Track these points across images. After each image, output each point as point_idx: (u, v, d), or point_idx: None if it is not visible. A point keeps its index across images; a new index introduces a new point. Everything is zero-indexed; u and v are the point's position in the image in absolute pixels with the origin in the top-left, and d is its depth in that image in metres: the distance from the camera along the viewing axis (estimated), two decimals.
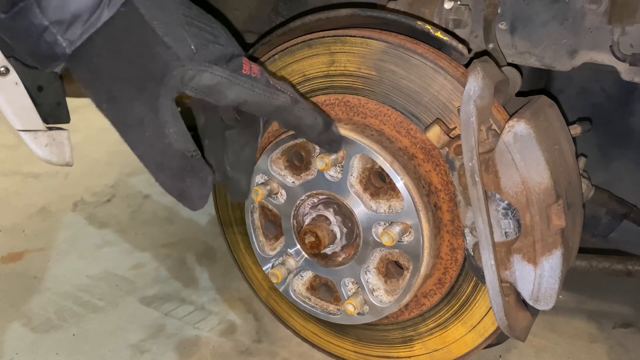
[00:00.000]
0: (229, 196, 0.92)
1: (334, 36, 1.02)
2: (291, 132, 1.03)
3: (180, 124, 0.75)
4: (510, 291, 0.96)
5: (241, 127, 0.87)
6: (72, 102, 1.11)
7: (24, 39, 0.67)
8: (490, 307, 0.95)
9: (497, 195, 0.91)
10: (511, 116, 0.91)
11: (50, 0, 0.64)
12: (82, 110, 1.47)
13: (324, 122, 0.89)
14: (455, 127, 0.94)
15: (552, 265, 0.91)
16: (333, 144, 0.94)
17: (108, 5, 0.67)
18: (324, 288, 1.12)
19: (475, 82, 0.87)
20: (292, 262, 1.10)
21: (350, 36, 1.00)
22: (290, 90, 0.84)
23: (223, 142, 0.88)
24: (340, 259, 1.06)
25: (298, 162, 1.06)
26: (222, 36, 0.77)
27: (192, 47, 0.72)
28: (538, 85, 1.32)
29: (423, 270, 0.97)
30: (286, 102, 0.82)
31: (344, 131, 0.97)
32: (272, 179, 1.07)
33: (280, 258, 1.12)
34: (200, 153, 0.78)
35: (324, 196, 1.04)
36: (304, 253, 1.09)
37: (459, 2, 1.10)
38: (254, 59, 1.09)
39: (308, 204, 1.06)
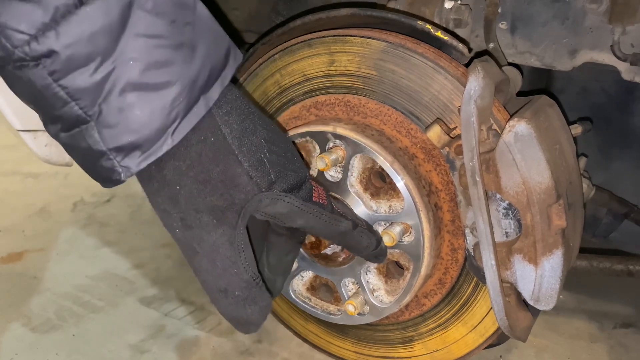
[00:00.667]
0: None
1: (334, 36, 1.02)
2: (291, 132, 1.03)
3: (249, 250, 0.74)
4: (511, 291, 0.96)
5: (289, 235, 0.87)
6: None
7: (82, 158, 0.66)
8: (491, 307, 0.94)
9: (498, 195, 0.91)
10: (512, 116, 0.91)
11: (111, 127, 0.61)
12: None
13: (377, 241, 0.92)
14: (456, 127, 0.94)
15: (552, 265, 0.91)
16: (383, 256, 0.96)
17: (172, 135, 0.63)
18: (324, 288, 1.12)
19: (476, 82, 0.86)
20: None
21: (351, 36, 1.00)
22: (350, 214, 0.87)
23: (265, 243, 0.86)
24: (340, 259, 1.06)
25: None
26: (295, 159, 0.77)
27: (272, 176, 0.71)
28: (539, 85, 1.32)
29: (423, 270, 0.97)
30: (348, 228, 0.84)
31: (344, 131, 0.97)
32: None
33: None
34: (262, 278, 0.77)
35: None
36: (304, 253, 1.08)
37: (459, 2, 1.09)
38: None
39: None
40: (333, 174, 1.01)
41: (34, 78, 0.58)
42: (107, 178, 0.65)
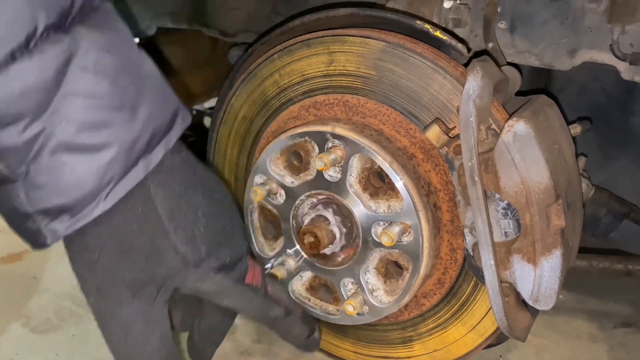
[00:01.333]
0: (190, 356, 0.85)
1: (333, 36, 1.02)
2: (290, 132, 1.03)
3: (166, 327, 0.69)
4: (510, 291, 0.96)
5: (224, 310, 0.80)
6: None
7: (7, 217, 0.62)
8: (490, 307, 0.94)
9: (497, 195, 0.91)
10: (511, 116, 0.91)
11: (39, 188, 0.57)
12: None
13: (310, 330, 0.89)
14: (455, 127, 0.93)
15: (552, 265, 0.91)
16: (313, 347, 0.94)
17: (105, 198, 0.59)
18: (324, 288, 1.12)
19: (475, 82, 0.86)
20: (291, 263, 1.10)
21: (350, 35, 1.00)
22: (285, 301, 0.84)
23: (198, 309, 0.80)
24: (339, 259, 1.06)
25: (297, 162, 1.06)
26: (233, 233, 0.72)
27: (202, 252, 0.67)
28: (538, 84, 1.32)
29: (422, 270, 0.97)
30: (280, 315, 0.81)
31: (342, 131, 0.97)
32: (271, 179, 1.07)
33: (280, 258, 1.11)
34: (179, 356, 0.73)
35: (323, 196, 1.04)
36: (303, 253, 1.08)
37: (458, 2, 1.09)
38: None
39: (307, 204, 1.06)
40: (332, 174, 1.00)
41: None
42: (33, 241, 0.61)
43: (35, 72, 0.53)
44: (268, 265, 1.13)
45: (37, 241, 0.61)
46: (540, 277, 0.92)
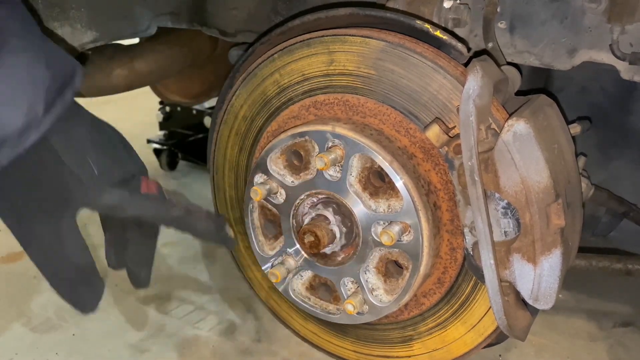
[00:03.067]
0: (131, 283, 0.99)
1: (333, 35, 1.02)
2: (290, 132, 1.03)
3: (79, 239, 0.82)
4: (509, 290, 0.96)
5: (140, 229, 0.93)
6: None
7: None
8: (490, 307, 0.95)
9: (497, 195, 0.91)
10: (510, 115, 0.91)
11: None
12: None
13: (216, 226, 0.99)
14: (455, 127, 0.94)
15: (551, 264, 0.91)
16: (228, 242, 1.04)
17: (38, 127, 0.72)
18: (324, 288, 1.12)
19: (475, 81, 0.86)
20: (291, 262, 1.10)
21: (350, 35, 1.00)
22: (184, 202, 0.93)
23: (124, 239, 0.93)
24: (339, 258, 1.06)
25: (297, 161, 1.06)
26: (124, 158, 0.86)
27: (95, 170, 0.80)
28: (537, 84, 1.32)
29: (422, 269, 0.97)
30: (179, 214, 0.91)
31: (343, 130, 0.97)
32: (271, 179, 1.07)
33: (280, 258, 1.11)
34: (94, 264, 0.85)
35: (323, 196, 1.04)
36: (303, 253, 1.09)
37: (458, 1, 1.09)
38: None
39: (307, 203, 1.06)
40: (332, 174, 1.01)
41: None
42: None
43: None
44: (267, 265, 1.13)
45: None
46: (540, 276, 0.92)
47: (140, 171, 0.88)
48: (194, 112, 2.53)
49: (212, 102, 2.46)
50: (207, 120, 2.46)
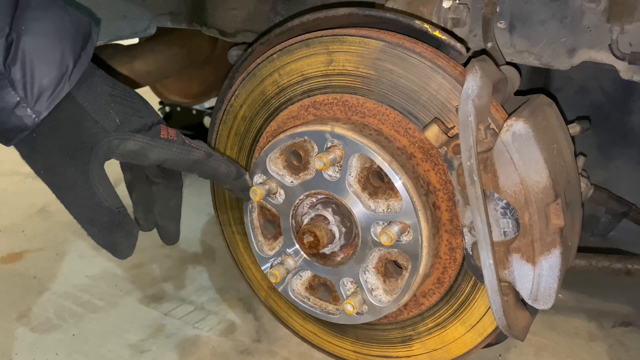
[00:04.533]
0: (162, 240, 1.04)
1: (332, 35, 1.02)
2: (289, 132, 1.03)
3: (108, 184, 0.85)
4: (509, 290, 0.96)
5: (166, 182, 0.98)
6: None
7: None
8: (489, 307, 0.95)
9: (496, 195, 0.91)
10: (510, 115, 0.91)
11: (20, 78, 0.74)
12: None
13: (237, 171, 1.03)
14: (454, 127, 0.94)
15: (551, 264, 0.91)
16: (246, 191, 1.07)
17: (69, 79, 0.78)
18: (323, 288, 1.12)
19: (474, 81, 0.86)
20: (290, 262, 1.10)
21: (349, 35, 1.00)
22: (204, 147, 0.96)
23: (150, 196, 0.98)
24: (339, 258, 1.06)
25: (296, 161, 1.06)
26: (142, 109, 0.89)
27: (117, 120, 0.84)
28: (537, 84, 1.32)
29: (422, 269, 0.97)
30: (201, 156, 0.94)
31: (342, 130, 0.97)
32: (271, 179, 1.07)
33: (279, 258, 1.11)
34: (126, 209, 0.88)
35: (322, 196, 1.04)
36: (302, 253, 1.09)
37: (457, 1, 1.09)
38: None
39: (307, 203, 1.06)
40: (331, 174, 1.01)
41: None
42: (20, 126, 0.77)
43: None
44: (267, 265, 1.13)
45: (25, 124, 0.77)
46: (539, 276, 0.92)
47: (158, 120, 0.91)
48: (194, 112, 2.53)
49: (211, 102, 2.46)
50: (207, 120, 2.47)
